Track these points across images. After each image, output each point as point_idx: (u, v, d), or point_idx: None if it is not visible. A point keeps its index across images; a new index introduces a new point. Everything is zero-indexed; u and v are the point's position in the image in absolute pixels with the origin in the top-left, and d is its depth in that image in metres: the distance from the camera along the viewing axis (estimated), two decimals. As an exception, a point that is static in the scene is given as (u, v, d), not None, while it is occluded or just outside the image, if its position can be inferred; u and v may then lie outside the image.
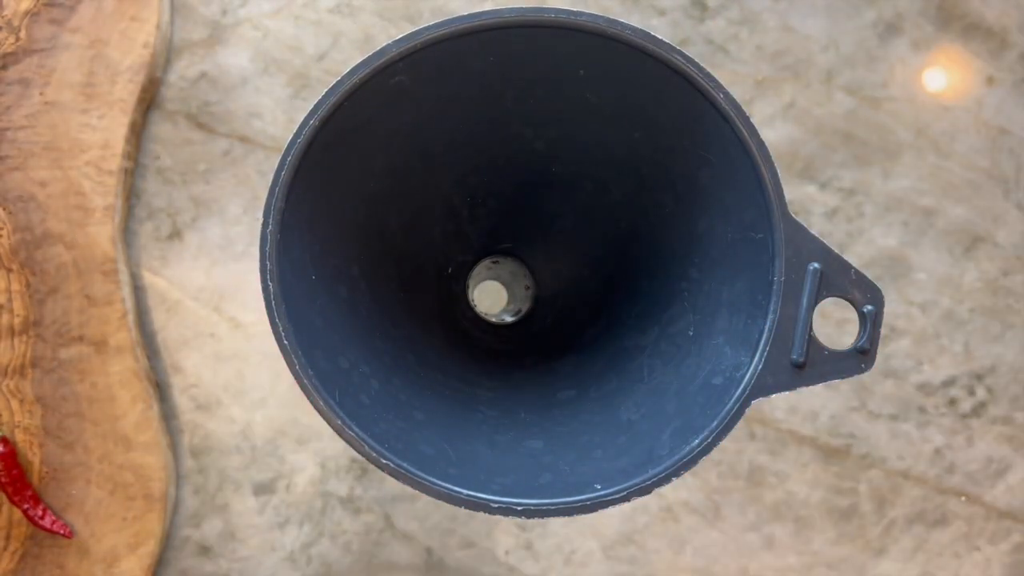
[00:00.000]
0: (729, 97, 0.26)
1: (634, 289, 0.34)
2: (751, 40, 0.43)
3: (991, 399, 0.42)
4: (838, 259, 0.28)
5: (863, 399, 0.42)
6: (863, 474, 0.42)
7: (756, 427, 0.41)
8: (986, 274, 0.43)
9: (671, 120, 0.28)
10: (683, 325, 0.31)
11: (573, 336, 0.36)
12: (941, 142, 0.43)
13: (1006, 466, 0.42)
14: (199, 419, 0.40)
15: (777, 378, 0.27)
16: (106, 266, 0.39)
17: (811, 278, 0.27)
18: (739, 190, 0.27)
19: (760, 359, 0.27)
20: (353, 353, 0.30)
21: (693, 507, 0.41)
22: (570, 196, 0.34)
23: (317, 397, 0.26)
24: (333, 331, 0.29)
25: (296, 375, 0.26)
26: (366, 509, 0.40)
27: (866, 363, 0.28)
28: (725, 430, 0.27)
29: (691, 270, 0.31)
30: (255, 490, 0.40)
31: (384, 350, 0.32)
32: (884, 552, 0.42)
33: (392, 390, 0.30)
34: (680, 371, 0.30)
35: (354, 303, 0.31)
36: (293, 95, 0.41)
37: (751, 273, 0.28)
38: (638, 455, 0.28)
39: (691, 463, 0.26)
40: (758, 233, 0.28)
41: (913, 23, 0.43)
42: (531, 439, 0.31)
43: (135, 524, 0.38)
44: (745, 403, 0.27)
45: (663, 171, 0.31)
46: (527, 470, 0.29)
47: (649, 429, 0.29)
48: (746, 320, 0.28)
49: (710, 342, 0.30)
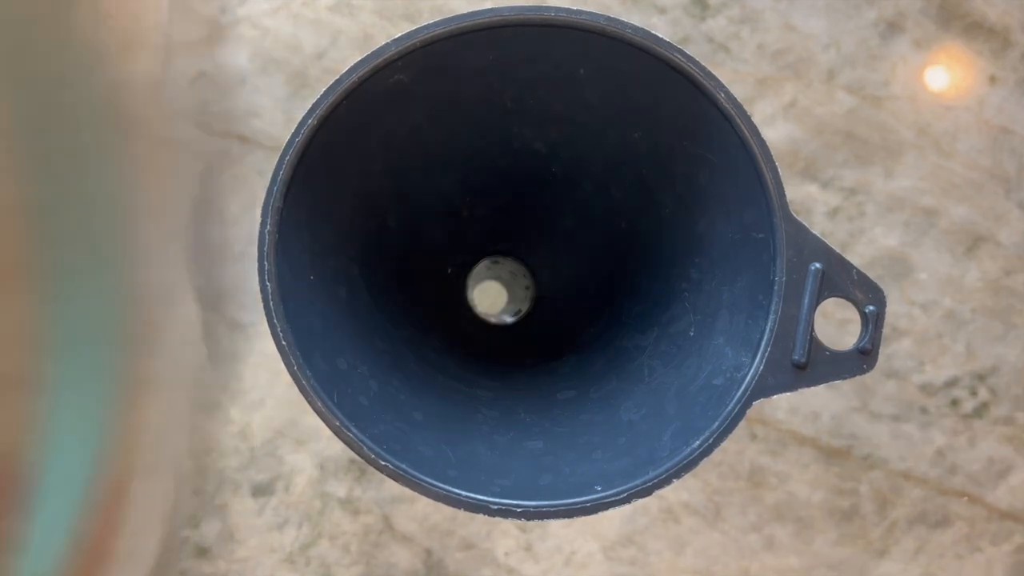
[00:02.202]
0: (730, 96, 0.26)
1: (634, 289, 0.34)
2: (752, 39, 0.42)
3: (993, 400, 0.42)
4: (840, 259, 0.27)
5: (864, 400, 0.42)
6: (864, 475, 0.41)
7: (757, 428, 0.41)
8: (988, 274, 0.43)
9: (671, 119, 0.28)
10: (684, 325, 0.31)
11: (573, 336, 0.36)
12: (943, 141, 0.43)
13: (1008, 467, 0.42)
14: (197, 420, 0.40)
15: (778, 379, 0.27)
16: (104, 266, 0.39)
17: (812, 278, 0.27)
18: (740, 190, 0.27)
19: (761, 360, 0.27)
20: (352, 354, 0.30)
21: (694, 508, 0.41)
22: (570, 196, 0.34)
23: (316, 398, 0.26)
24: (332, 332, 0.29)
25: (294, 376, 0.26)
26: (365, 510, 0.40)
27: (868, 364, 0.28)
28: (726, 431, 0.27)
29: (691, 270, 0.31)
30: (254, 491, 0.40)
31: (383, 351, 0.32)
32: (885, 553, 0.42)
33: (391, 391, 0.30)
34: (681, 372, 0.30)
35: (353, 303, 0.31)
36: (292, 94, 0.41)
37: (752, 273, 0.28)
38: (638, 456, 0.28)
39: (692, 464, 0.26)
40: (759, 233, 0.27)
41: (915, 22, 0.43)
42: (531, 440, 0.31)
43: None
44: (746, 404, 0.27)
45: (663, 171, 0.30)
46: (527, 471, 0.29)
47: (649, 430, 0.29)
48: (747, 320, 0.28)
49: (711, 342, 0.30)
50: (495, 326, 0.39)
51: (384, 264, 0.33)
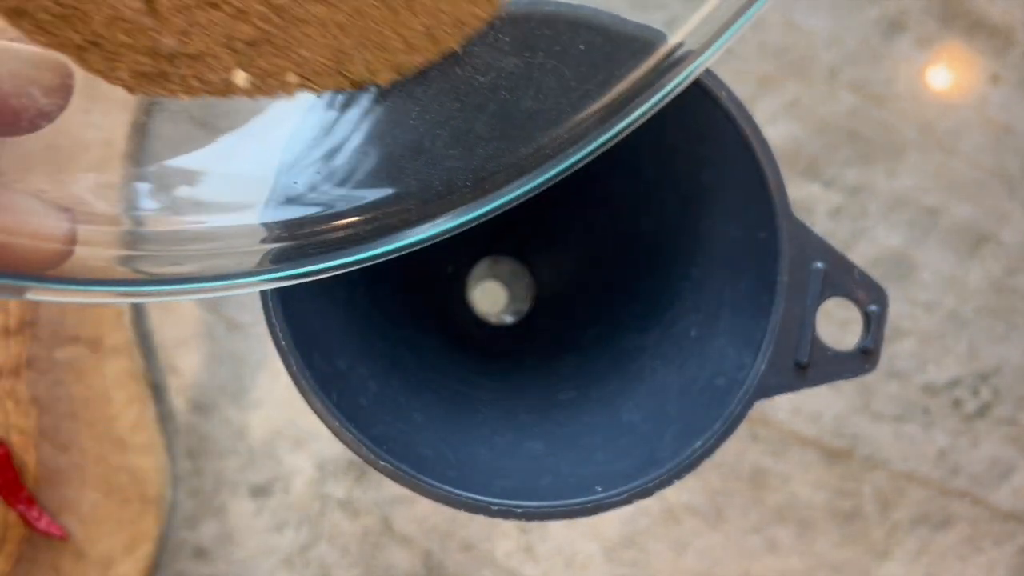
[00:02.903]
0: (732, 95, 0.26)
1: (635, 289, 0.34)
2: (754, 37, 0.42)
3: (996, 400, 0.42)
4: (842, 258, 0.27)
5: (867, 400, 0.42)
6: (867, 476, 0.41)
7: (759, 428, 0.41)
8: (991, 274, 0.43)
9: (673, 119, 0.28)
10: (685, 325, 0.31)
11: (574, 337, 0.36)
12: (945, 140, 0.43)
13: (1011, 467, 0.42)
14: (195, 420, 0.40)
15: (780, 379, 0.27)
16: (102, 266, 0.38)
17: (814, 278, 0.27)
18: (742, 189, 0.27)
19: (763, 360, 0.27)
20: (351, 354, 0.29)
21: (695, 509, 0.41)
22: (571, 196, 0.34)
23: (315, 398, 0.26)
24: (331, 332, 0.29)
25: (293, 376, 0.26)
26: (364, 511, 0.40)
27: (870, 364, 0.28)
28: (727, 432, 0.26)
29: (693, 270, 0.31)
30: (252, 492, 0.40)
31: (383, 351, 0.31)
32: (888, 554, 0.41)
33: (391, 391, 0.30)
34: (682, 372, 0.30)
35: (352, 303, 0.31)
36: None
37: (754, 273, 0.28)
38: (639, 457, 0.28)
39: (693, 465, 0.26)
40: (761, 232, 0.27)
41: (917, 20, 0.43)
42: (531, 440, 0.31)
43: (131, 527, 0.38)
44: (748, 404, 0.27)
45: (664, 170, 0.30)
46: (527, 472, 0.29)
47: (650, 430, 0.29)
48: (749, 320, 0.28)
49: (712, 342, 0.29)
50: (495, 326, 0.39)
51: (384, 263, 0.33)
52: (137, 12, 0.18)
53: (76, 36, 0.18)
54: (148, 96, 0.20)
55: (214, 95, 0.21)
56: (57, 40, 0.18)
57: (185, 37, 0.19)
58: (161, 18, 0.19)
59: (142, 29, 0.19)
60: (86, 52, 0.19)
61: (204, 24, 0.19)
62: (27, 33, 0.18)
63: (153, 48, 0.19)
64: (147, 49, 0.19)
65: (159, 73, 0.19)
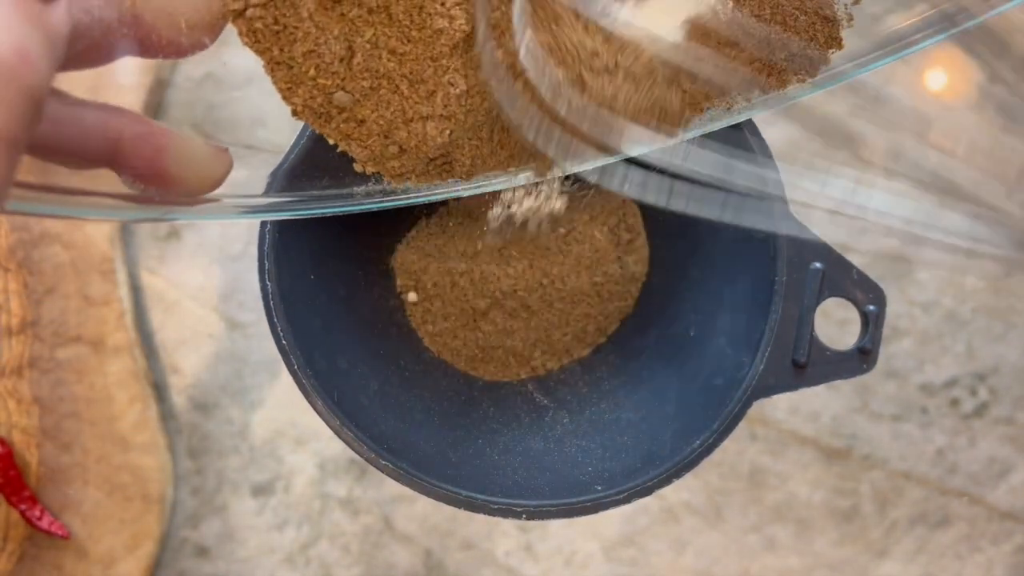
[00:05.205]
0: (731, 95, 0.26)
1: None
2: (752, 39, 0.42)
3: (993, 400, 0.42)
4: (840, 259, 0.27)
5: (865, 400, 0.42)
6: (865, 475, 0.41)
7: (757, 428, 0.41)
8: (988, 274, 0.43)
9: (672, 119, 0.28)
10: (684, 325, 0.31)
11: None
12: (944, 141, 0.43)
13: (1008, 467, 0.42)
14: (197, 420, 0.40)
15: (779, 378, 0.27)
16: (104, 266, 0.39)
17: (813, 278, 0.27)
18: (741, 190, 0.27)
19: (761, 359, 0.27)
20: (352, 353, 0.30)
21: (694, 508, 0.41)
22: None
23: (316, 397, 0.26)
24: (332, 331, 0.29)
25: (295, 375, 0.26)
26: (365, 510, 0.40)
27: (868, 363, 0.28)
28: (726, 431, 0.26)
29: (692, 270, 0.31)
30: (253, 491, 0.40)
31: (383, 350, 0.31)
32: (886, 553, 0.41)
33: (391, 390, 0.30)
34: (681, 372, 0.30)
35: (353, 303, 0.31)
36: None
37: (753, 273, 0.28)
38: (639, 456, 0.28)
39: (692, 464, 0.26)
40: (759, 233, 0.27)
41: (915, 22, 0.43)
42: (531, 440, 0.31)
43: (133, 525, 0.38)
44: (746, 404, 0.27)
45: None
46: (527, 471, 0.29)
47: (650, 430, 0.29)
48: (747, 320, 0.28)
49: (711, 342, 0.30)
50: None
51: (384, 264, 0.33)
52: (334, 58, 0.20)
53: (277, 52, 0.20)
54: (299, 119, 0.22)
55: (354, 159, 0.23)
56: (260, 47, 0.20)
57: (362, 99, 0.21)
58: (351, 73, 0.21)
59: (330, 73, 0.21)
60: (278, 68, 0.21)
61: (381, 101, 0.21)
62: (238, 33, 0.20)
63: (328, 94, 0.21)
64: (324, 89, 0.21)
65: (324, 114, 0.21)
